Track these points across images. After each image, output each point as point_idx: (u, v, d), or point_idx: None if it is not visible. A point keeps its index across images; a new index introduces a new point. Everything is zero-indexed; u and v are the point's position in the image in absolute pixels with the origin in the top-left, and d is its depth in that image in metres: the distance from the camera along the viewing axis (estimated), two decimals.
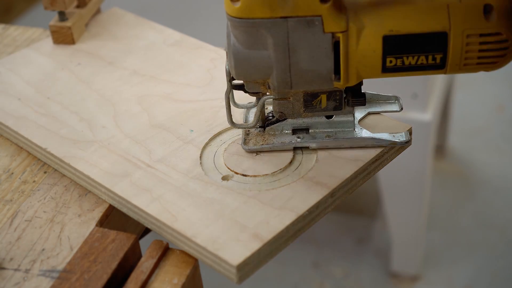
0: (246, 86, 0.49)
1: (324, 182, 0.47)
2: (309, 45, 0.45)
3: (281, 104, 0.49)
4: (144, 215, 0.47)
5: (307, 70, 0.46)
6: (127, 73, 0.62)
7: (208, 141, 0.52)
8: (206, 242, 0.43)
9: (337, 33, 0.45)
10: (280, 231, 0.43)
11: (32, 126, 0.56)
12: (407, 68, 0.46)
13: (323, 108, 0.50)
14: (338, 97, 0.49)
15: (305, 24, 0.44)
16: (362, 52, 0.45)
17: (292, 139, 0.50)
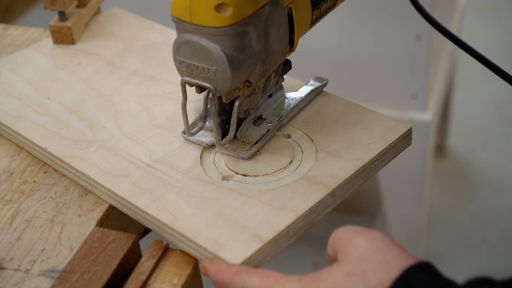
0: (227, 96, 0.48)
1: (324, 182, 0.47)
2: (277, 25, 0.47)
3: (248, 100, 0.50)
4: (144, 215, 0.47)
5: (275, 51, 0.48)
6: (127, 73, 0.62)
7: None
8: (207, 242, 0.43)
9: (289, 4, 0.47)
10: (280, 231, 0.43)
11: (32, 126, 0.56)
12: (319, 17, 0.52)
13: (271, 87, 0.52)
14: (279, 69, 0.51)
15: (274, 5, 0.46)
16: (301, 15, 0.49)
17: (266, 128, 0.51)
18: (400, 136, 0.51)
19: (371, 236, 0.38)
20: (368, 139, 0.51)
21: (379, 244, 0.38)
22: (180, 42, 0.45)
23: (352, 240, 0.39)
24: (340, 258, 0.39)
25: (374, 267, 0.36)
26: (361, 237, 0.39)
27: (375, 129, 0.52)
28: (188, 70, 0.46)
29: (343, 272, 0.37)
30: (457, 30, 1.32)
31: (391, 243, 0.38)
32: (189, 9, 0.44)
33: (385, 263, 0.36)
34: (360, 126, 0.52)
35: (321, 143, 0.51)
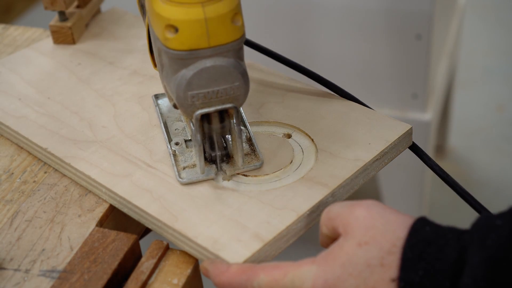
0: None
1: (324, 182, 0.47)
2: None
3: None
4: (145, 215, 0.47)
5: None
6: (127, 73, 0.62)
7: None
8: (207, 242, 0.43)
9: None
10: (281, 231, 0.43)
11: (33, 126, 0.56)
12: None
13: None
14: None
15: None
16: None
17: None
18: (401, 136, 0.51)
19: (367, 205, 0.39)
20: (368, 139, 0.51)
21: (378, 210, 0.39)
22: (192, 74, 0.41)
23: (351, 213, 0.39)
24: (344, 232, 0.39)
25: (382, 231, 0.37)
26: (359, 208, 0.39)
27: (375, 129, 0.52)
28: (205, 101, 0.42)
29: (354, 243, 0.37)
30: (457, 30, 1.32)
31: (387, 207, 0.40)
32: (206, 33, 0.40)
33: (390, 226, 0.37)
34: (361, 126, 0.52)
35: (322, 143, 0.51)
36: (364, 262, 0.37)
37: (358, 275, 0.36)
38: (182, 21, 0.40)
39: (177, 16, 0.40)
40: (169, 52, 0.41)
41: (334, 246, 0.39)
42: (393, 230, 0.37)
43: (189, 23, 0.40)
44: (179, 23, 0.40)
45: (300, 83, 0.58)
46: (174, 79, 0.42)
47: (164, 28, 0.40)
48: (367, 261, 0.37)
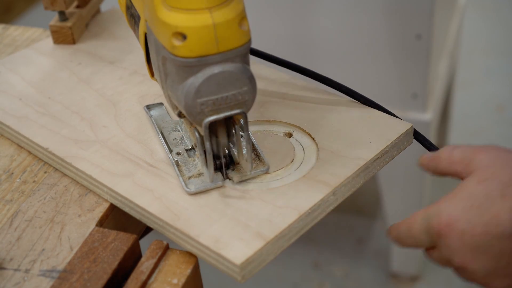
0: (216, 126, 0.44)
1: (326, 180, 0.47)
2: None
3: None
4: (146, 215, 0.47)
5: None
6: (128, 73, 0.62)
7: None
8: (209, 241, 0.43)
9: None
10: (283, 230, 0.43)
11: (33, 126, 0.56)
12: None
13: None
14: None
15: None
16: None
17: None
18: (401, 134, 0.51)
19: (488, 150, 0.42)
20: (369, 137, 0.51)
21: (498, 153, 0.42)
22: (201, 82, 0.41)
23: (475, 157, 0.42)
24: (466, 174, 0.42)
25: (500, 168, 0.40)
26: (482, 153, 0.42)
27: (376, 127, 0.51)
28: (214, 108, 0.42)
29: (474, 181, 0.40)
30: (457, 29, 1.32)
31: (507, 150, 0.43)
32: (214, 39, 0.39)
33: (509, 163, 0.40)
34: (362, 125, 0.52)
35: (323, 141, 0.51)
36: (485, 195, 0.39)
37: (479, 206, 0.39)
38: (191, 28, 0.39)
39: (185, 23, 0.39)
40: (177, 60, 0.40)
41: (457, 187, 0.42)
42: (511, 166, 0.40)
43: (198, 30, 0.39)
44: (187, 30, 0.39)
45: (300, 81, 0.58)
46: (181, 88, 0.41)
47: (171, 36, 0.40)
48: (487, 194, 0.39)
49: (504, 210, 0.39)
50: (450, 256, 0.41)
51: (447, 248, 0.41)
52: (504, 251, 0.39)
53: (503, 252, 0.39)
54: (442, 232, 0.40)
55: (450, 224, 0.40)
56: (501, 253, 0.39)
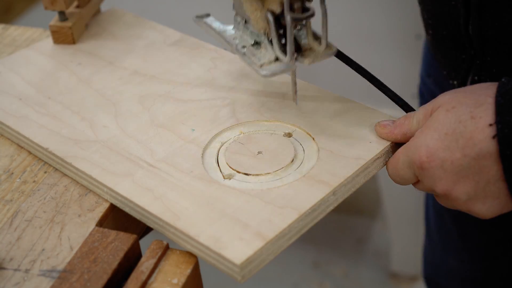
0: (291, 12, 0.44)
1: (326, 180, 0.47)
2: None
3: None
4: (146, 215, 0.47)
5: None
6: (128, 73, 0.62)
7: (209, 140, 0.52)
8: (209, 241, 0.43)
9: None
10: (282, 230, 0.43)
11: (33, 126, 0.56)
12: None
13: None
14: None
15: None
16: None
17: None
18: None
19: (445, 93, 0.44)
20: (369, 137, 0.51)
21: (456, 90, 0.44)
22: None
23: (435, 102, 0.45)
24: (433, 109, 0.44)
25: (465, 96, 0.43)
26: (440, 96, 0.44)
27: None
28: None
29: (443, 112, 0.42)
30: None
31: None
32: None
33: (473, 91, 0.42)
34: (362, 125, 0.52)
35: (323, 141, 0.51)
36: (455, 120, 0.41)
37: (453, 132, 0.41)
38: None
39: None
40: None
41: (428, 121, 0.43)
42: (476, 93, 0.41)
43: None
44: None
45: (300, 81, 0.58)
46: None
47: None
48: (457, 119, 0.41)
49: (477, 130, 0.40)
50: (433, 185, 0.42)
51: (430, 179, 0.42)
52: (483, 170, 0.40)
53: (482, 172, 0.40)
54: (424, 165, 0.41)
55: (429, 155, 0.41)
56: (480, 173, 0.40)
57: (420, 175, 0.44)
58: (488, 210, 0.42)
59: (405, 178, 0.46)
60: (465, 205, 0.42)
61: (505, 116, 0.40)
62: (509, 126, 0.39)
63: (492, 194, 0.41)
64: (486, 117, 0.40)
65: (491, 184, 0.41)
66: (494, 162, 0.40)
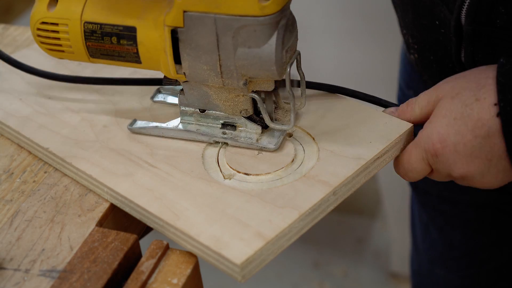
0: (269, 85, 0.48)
1: (326, 180, 0.47)
2: None
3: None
4: (146, 214, 0.47)
5: None
6: (128, 73, 0.62)
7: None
8: (209, 241, 0.43)
9: None
10: (283, 230, 0.43)
11: (34, 126, 0.56)
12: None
13: None
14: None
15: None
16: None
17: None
18: (402, 134, 0.51)
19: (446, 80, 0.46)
20: (369, 137, 0.51)
21: (456, 76, 0.45)
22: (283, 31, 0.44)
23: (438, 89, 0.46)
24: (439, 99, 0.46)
25: (467, 82, 0.44)
26: (442, 84, 0.45)
27: (376, 127, 0.51)
28: (290, 53, 0.46)
29: (448, 99, 0.43)
30: None
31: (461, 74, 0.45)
32: None
33: (473, 76, 0.44)
34: (362, 125, 0.52)
35: (323, 141, 0.51)
36: (462, 105, 0.42)
37: (461, 115, 0.42)
38: None
39: None
40: (266, 19, 0.44)
41: (434, 111, 0.44)
42: (477, 76, 0.43)
43: None
44: None
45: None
46: (267, 46, 0.44)
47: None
48: (463, 103, 0.42)
49: (484, 111, 0.41)
50: (449, 170, 0.44)
51: (445, 165, 0.44)
52: (494, 148, 0.42)
53: (493, 150, 0.42)
54: (438, 151, 0.43)
55: (442, 141, 0.43)
56: (492, 152, 0.42)
57: (435, 163, 0.45)
58: (501, 182, 0.45)
59: (419, 171, 0.47)
60: (480, 182, 0.45)
61: (507, 95, 0.41)
62: (511, 104, 0.41)
63: (503, 168, 0.43)
64: (490, 97, 0.42)
65: (502, 160, 0.43)
66: (501, 139, 0.42)
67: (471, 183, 0.45)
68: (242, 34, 0.45)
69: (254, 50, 0.45)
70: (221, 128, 0.52)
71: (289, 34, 0.46)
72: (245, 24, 0.44)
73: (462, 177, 0.45)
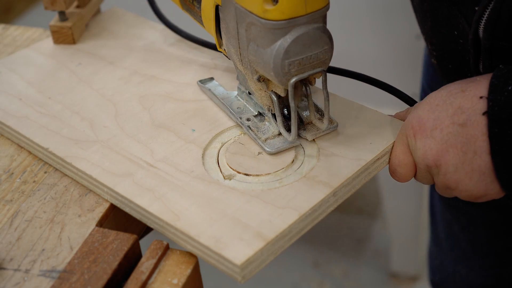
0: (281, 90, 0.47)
1: (326, 181, 0.47)
2: None
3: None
4: (146, 215, 0.47)
5: None
6: (128, 73, 0.62)
7: (210, 141, 0.52)
8: (209, 241, 0.43)
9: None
10: (283, 230, 0.43)
11: (34, 126, 0.56)
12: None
13: None
14: None
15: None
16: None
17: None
18: None
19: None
20: (369, 138, 0.51)
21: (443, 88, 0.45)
22: (289, 42, 0.43)
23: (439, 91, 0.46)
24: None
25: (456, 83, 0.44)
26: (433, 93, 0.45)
27: (376, 128, 0.51)
28: (299, 67, 0.45)
29: (435, 92, 0.44)
30: None
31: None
32: (304, 2, 0.43)
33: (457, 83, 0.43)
34: (362, 126, 0.52)
35: (323, 142, 0.51)
36: (447, 94, 0.42)
37: (444, 102, 0.42)
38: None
39: None
40: (268, 23, 0.43)
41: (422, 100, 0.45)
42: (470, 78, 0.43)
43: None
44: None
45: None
46: (269, 51, 0.44)
47: (263, 1, 0.42)
48: (449, 92, 0.42)
49: (466, 100, 0.41)
50: (425, 156, 0.44)
51: (421, 150, 0.44)
52: (470, 140, 0.41)
53: (469, 142, 0.41)
54: (416, 134, 0.43)
55: (421, 124, 0.43)
56: (468, 144, 0.41)
57: (413, 147, 0.45)
58: (474, 186, 0.43)
59: (404, 165, 0.47)
60: (454, 181, 0.44)
61: (497, 95, 0.41)
62: (499, 104, 0.41)
63: (478, 167, 0.42)
64: (476, 90, 0.42)
65: (477, 156, 0.42)
66: (482, 134, 0.41)
67: (445, 180, 0.44)
68: (252, 30, 0.45)
69: (260, 50, 0.45)
70: (255, 116, 0.52)
71: (303, 48, 0.44)
72: (252, 22, 0.45)
73: (436, 166, 0.44)
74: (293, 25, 0.43)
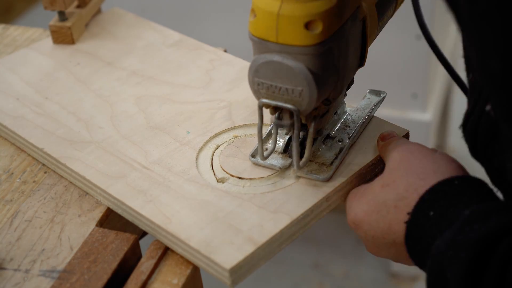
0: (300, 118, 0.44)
1: (319, 186, 0.46)
2: (354, 39, 0.44)
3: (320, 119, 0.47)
4: (138, 217, 0.47)
5: (351, 67, 0.46)
6: (126, 74, 0.62)
7: (204, 143, 0.52)
8: (200, 245, 0.43)
9: (364, 16, 0.45)
10: (274, 235, 0.43)
11: (30, 126, 0.56)
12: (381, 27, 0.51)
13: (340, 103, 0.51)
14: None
15: (353, 19, 0.43)
16: (371, 27, 0.46)
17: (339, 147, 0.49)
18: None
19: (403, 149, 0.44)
20: (364, 143, 0.50)
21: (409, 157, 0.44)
22: (260, 63, 0.42)
23: (391, 152, 0.45)
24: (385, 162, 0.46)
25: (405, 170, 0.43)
26: (396, 149, 0.45)
27: (372, 133, 0.51)
28: (268, 92, 0.43)
29: (379, 184, 0.43)
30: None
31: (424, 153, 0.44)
32: (275, 29, 0.40)
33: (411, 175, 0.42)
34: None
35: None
36: (383, 202, 0.42)
37: (379, 211, 0.43)
38: (259, 9, 0.41)
39: (257, 2, 0.41)
40: (249, 33, 0.43)
41: (368, 184, 0.45)
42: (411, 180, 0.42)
43: (263, 13, 0.41)
44: (257, 9, 0.41)
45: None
46: (252, 61, 0.43)
47: (251, 11, 0.42)
48: (385, 202, 0.42)
49: (396, 221, 0.42)
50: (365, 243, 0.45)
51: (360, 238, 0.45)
52: (400, 252, 0.42)
53: (399, 253, 0.43)
54: (353, 226, 0.44)
55: (356, 223, 0.44)
56: (397, 253, 0.43)
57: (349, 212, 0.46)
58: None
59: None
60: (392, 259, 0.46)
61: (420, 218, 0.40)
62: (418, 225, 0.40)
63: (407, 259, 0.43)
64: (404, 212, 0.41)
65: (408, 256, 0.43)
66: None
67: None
68: None
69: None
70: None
71: (273, 75, 0.42)
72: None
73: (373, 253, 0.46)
74: (265, 47, 0.42)
